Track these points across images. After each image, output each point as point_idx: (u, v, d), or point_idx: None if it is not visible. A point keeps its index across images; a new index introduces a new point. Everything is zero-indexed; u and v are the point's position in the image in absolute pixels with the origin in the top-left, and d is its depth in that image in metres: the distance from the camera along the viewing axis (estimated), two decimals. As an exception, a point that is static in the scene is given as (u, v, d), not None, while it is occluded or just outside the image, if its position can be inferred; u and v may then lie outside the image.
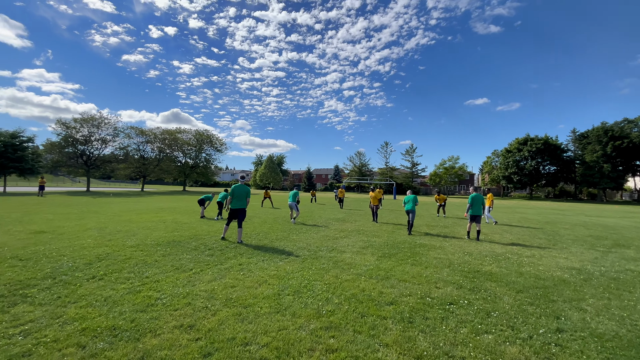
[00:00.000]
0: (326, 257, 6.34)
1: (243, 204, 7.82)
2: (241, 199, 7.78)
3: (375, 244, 7.94)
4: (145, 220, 11.06)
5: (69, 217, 11.46)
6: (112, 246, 6.70)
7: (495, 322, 3.46)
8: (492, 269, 5.72)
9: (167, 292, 4.08)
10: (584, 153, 48.65)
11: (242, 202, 7.81)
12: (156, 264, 5.45)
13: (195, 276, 4.81)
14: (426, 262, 6.14)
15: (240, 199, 7.78)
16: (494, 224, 13.05)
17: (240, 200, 7.78)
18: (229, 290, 4.22)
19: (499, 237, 9.69)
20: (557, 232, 11.17)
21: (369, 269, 5.45)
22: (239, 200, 7.77)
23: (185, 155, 51.13)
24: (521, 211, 21.93)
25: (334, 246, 7.47)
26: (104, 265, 5.25)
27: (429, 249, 7.50)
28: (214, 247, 6.90)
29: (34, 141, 31.60)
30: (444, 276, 5.18)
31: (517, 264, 6.16)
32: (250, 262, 5.77)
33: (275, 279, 4.79)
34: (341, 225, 11.49)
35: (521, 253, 7.30)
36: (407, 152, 67.61)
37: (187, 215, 13.07)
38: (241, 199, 7.78)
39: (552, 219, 16.27)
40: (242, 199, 7.79)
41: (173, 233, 8.56)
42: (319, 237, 8.66)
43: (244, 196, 7.82)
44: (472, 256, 6.78)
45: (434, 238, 9.13)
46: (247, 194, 7.85)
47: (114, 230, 8.82)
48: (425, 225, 12.15)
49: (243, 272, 5.11)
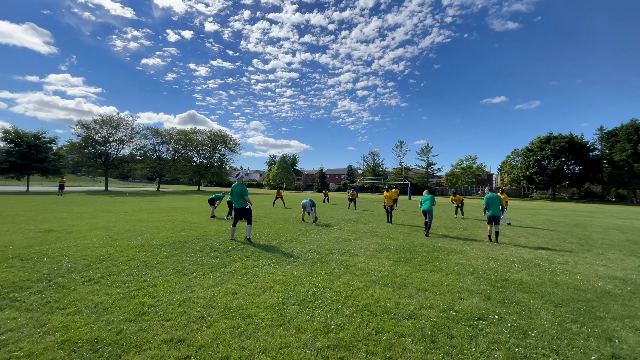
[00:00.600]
0: (337, 261, 5.90)
1: (242, 202, 7.73)
2: (238, 197, 7.73)
3: (390, 247, 7.44)
4: (155, 220, 10.95)
5: (82, 216, 11.50)
6: (116, 246, 6.50)
7: (535, 344, 2.93)
8: (523, 277, 5.12)
9: (162, 298, 3.76)
10: (612, 152, 45.97)
11: (240, 201, 7.73)
12: (157, 266, 5.17)
13: (196, 280, 4.48)
14: (447, 268, 5.60)
15: (238, 198, 7.73)
16: (507, 225, 12.31)
17: (237, 199, 7.74)
18: (229, 297, 3.85)
19: (524, 240, 8.96)
20: (589, 236, 10.29)
21: (384, 275, 4.98)
22: (236, 199, 7.76)
23: (200, 155, 51.78)
24: (545, 213, 20.73)
25: (346, 249, 7.02)
26: (103, 266, 5.01)
27: (449, 253, 6.93)
28: (219, 249, 6.60)
29: (55, 142, 32.67)
30: (468, 285, 4.64)
31: (550, 272, 5.53)
32: (256, 265, 5.41)
33: (281, 285, 4.40)
34: (354, 226, 11.01)
35: (552, 259, 6.63)
36: (423, 152, 66.13)
37: (198, 215, 12.92)
38: (238, 197, 7.73)
39: (580, 221, 15.19)
40: (239, 198, 7.73)
41: (180, 233, 8.34)
42: (330, 239, 8.23)
43: (239, 195, 7.72)
44: (498, 262, 6.18)
45: (454, 241, 8.52)
46: (241, 192, 7.72)
47: (122, 229, 8.69)
48: (443, 227, 11.50)
49: (247, 276, 4.75)
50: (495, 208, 8.50)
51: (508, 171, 65.19)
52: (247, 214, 7.72)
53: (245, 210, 7.74)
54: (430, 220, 9.37)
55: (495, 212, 8.49)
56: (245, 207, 7.75)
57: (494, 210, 8.49)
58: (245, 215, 7.72)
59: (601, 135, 50.43)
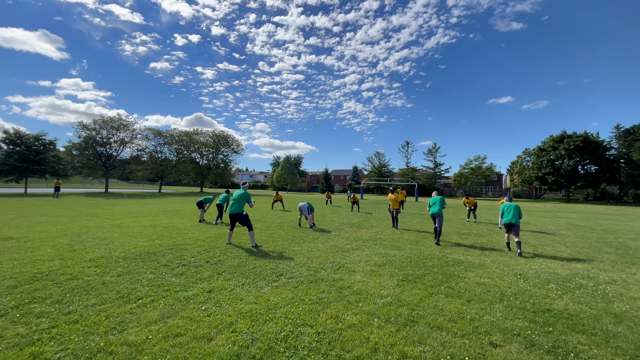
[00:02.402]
0: (329, 280, 4.77)
1: (237, 207, 7.12)
2: (236, 202, 7.14)
3: (396, 259, 6.28)
4: (136, 225, 9.96)
5: (60, 221, 10.58)
6: (67, 259, 5.48)
7: None
8: (568, 306, 3.93)
9: (72, 345, 2.69)
10: (631, 151, 43.74)
11: (236, 206, 7.12)
12: (101, 288, 4.12)
13: (138, 312, 3.41)
14: (466, 290, 4.42)
15: (235, 203, 7.14)
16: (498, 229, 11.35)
17: (235, 204, 7.15)
18: (166, 344, 2.76)
19: (551, 249, 7.70)
20: (625, 243, 8.96)
21: (386, 303, 3.83)
22: (233, 204, 7.17)
23: (202, 156, 51.11)
24: (563, 216, 19.23)
25: (342, 262, 5.89)
26: (29, 289, 3.97)
27: (467, 267, 5.74)
28: (190, 262, 5.52)
29: (55, 144, 32.18)
30: (499, 319, 3.47)
31: (600, 297, 4.31)
32: (225, 287, 4.32)
33: (247, 319, 3.30)
34: (355, 232, 9.85)
35: (595, 276, 5.39)
36: (430, 152, 64.37)
37: (187, 219, 11.91)
38: (236, 202, 7.14)
39: (607, 225, 13.75)
40: (236, 203, 7.13)
41: (154, 242, 7.30)
42: (326, 249, 7.10)
43: (238, 200, 7.14)
44: (529, 281, 4.97)
45: (470, 251, 7.31)
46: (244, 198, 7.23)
47: (90, 237, 7.70)
48: (455, 233, 10.26)
49: (207, 304, 3.66)
50: (509, 215, 7.40)
51: (519, 171, 63.10)
52: (245, 220, 7.14)
53: (242, 217, 7.12)
54: (440, 226, 8.19)
55: (509, 219, 7.35)
56: (242, 213, 7.12)
57: (509, 218, 7.36)
58: (243, 222, 7.18)
59: (618, 134, 48.19)
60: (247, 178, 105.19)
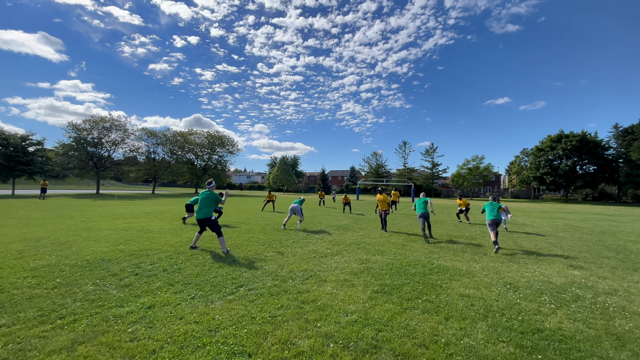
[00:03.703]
0: (293, 291, 4.21)
1: (206, 212, 6.49)
2: (203, 206, 6.49)
3: (376, 265, 5.73)
4: (109, 228, 9.38)
5: (30, 224, 10.00)
6: (7, 267, 4.91)
7: None
8: (563, 324, 3.38)
9: None
10: (629, 150, 43.27)
11: (205, 211, 6.49)
12: (24, 303, 3.55)
13: (49, 335, 2.84)
14: (447, 304, 3.87)
15: (203, 207, 6.50)
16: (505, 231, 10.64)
17: (202, 208, 6.50)
18: (56, 383, 2.21)
19: (547, 253, 7.16)
20: (626, 247, 8.43)
21: (350, 322, 3.28)
22: (200, 208, 6.51)
23: (197, 157, 50.51)
24: (561, 217, 18.71)
25: (316, 270, 5.33)
26: None
27: (452, 275, 5.19)
28: (143, 272, 4.96)
29: (43, 144, 31.55)
30: (479, 342, 2.92)
31: (600, 312, 3.77)
32: (171, 301, 3.76)
33: (176, 345, 2.74)
34: (341, 235, 9.30)
35: (594, 285, 4.85)
36: (427, 152, 63.83)
37: (167, 221, 11.35)
38: (203, 206, 6.49)
39: (606, 227, 13.23)
40: (204, 207, 6.49)
41: (117, 247, 6.73)
42: (303, 254, 6.55)
43: (207, 203, 6.52)
44: (519, 292, 4.43)
45: (458, 255, 6.77)
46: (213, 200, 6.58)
47: (50, 242, 7.13)
48: (446, 234, 9.72)
49: (137, 325, 3.10)
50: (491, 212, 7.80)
51: (517, 172, 62.71)
52: (213, 225, 6.51)
53: (210, 222, 6.51)
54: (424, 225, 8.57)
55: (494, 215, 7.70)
56: (210, 218, 6.50)
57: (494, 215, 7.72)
58: (212, 227, 6.53)
59: (616, 133, 47.75)
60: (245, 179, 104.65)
